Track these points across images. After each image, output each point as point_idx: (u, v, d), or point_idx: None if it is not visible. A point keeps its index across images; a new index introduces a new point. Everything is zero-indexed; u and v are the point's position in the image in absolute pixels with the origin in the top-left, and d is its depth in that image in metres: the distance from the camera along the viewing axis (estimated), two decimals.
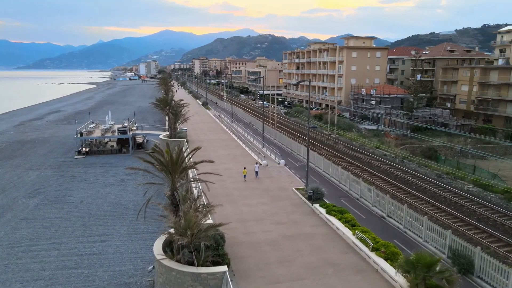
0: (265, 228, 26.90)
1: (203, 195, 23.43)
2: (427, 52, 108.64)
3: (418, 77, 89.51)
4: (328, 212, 28.04)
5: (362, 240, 23.45)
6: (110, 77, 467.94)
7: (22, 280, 24.75)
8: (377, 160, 49.33)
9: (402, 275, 18.31)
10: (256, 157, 46.72)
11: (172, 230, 20.08)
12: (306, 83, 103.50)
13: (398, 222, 27.69)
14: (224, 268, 19.33)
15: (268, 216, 29.03)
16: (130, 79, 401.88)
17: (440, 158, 47.18)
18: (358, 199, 33.63)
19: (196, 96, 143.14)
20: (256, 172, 38.66)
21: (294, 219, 28.30)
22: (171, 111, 54.25)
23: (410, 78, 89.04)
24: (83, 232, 32.09)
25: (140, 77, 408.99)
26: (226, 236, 23.27)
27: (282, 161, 45.00)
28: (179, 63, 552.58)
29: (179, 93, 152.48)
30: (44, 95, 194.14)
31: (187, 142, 54.18)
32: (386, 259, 21.21)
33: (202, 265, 19.46)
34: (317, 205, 29.83)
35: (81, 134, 59.42)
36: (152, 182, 21.15)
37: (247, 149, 52.26)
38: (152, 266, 23.58)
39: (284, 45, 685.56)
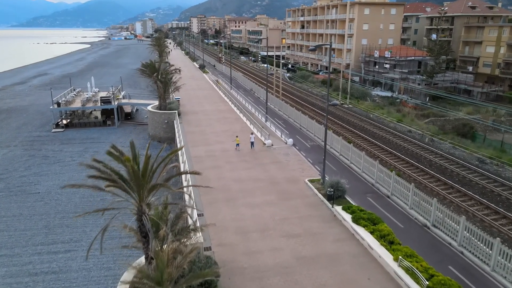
0: (274, 243, 20.32)
1: (189, 210, 16.62)
2: (445, 9, 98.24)
3: (434, 36, 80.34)
4: (356, 221, 21.36)
5: (408, 271, 16.92)
6: (105, 36, 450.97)
7: None
8: (402, 138, 42.08)
9: None
10: (259, 134, 39.73)
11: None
12: (326, 46, 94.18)
13: (451, 237, 20.87)
14: None
15: (276, 223, 22.39)
16: (125, 38, 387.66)
17: (477, 136, 39.93)
18: (388, 197, 26.83)
19: (193, 58, 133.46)
20: (252, 143, 35.97)
21: (310, 229, 21.69)
22: (159, 78, 46.37)
23: (432, 39, 79.79)
24: (44, 237, 25.68)
25: (136, 36, 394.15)
26: (221, 260, 16.89)
27: (290, 140, 37.94)
28: (176, 22, 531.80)
29: (175, 55, 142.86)
30: (34, 56, 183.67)
31: (179, 115, 46.84)
32: None
33: None
34: (339, 208, 23.12)
35: (59, 104, 51.77)
36: (105, 208, 14.26)
37: (248, 123, 45.04)
38: None
39: (285, 2, 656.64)
